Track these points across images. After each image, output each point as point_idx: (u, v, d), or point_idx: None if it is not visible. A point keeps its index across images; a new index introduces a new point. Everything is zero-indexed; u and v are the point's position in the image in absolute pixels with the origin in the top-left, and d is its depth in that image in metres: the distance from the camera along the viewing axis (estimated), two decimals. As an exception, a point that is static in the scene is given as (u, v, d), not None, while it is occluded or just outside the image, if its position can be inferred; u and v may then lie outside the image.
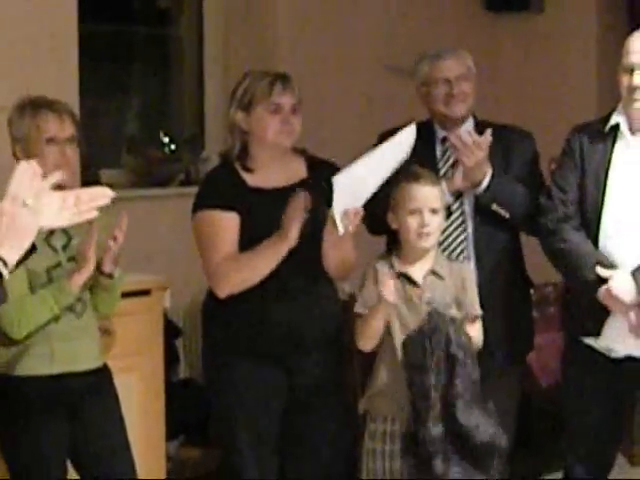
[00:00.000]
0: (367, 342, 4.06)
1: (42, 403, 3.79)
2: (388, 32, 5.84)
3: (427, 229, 4.01)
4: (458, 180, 4.24)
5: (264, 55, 4.98)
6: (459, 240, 4.35)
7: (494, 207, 4.30)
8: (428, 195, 4.03)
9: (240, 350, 4.07)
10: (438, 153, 4.42)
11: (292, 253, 3.93)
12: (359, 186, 3.90)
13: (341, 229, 3.88)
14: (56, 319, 3.72)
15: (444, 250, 4.28)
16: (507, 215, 4.33)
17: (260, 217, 4.01)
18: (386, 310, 3.94)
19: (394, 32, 5.81)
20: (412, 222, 4.02)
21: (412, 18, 5.96)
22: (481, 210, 4.35)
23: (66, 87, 4.65)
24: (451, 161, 4.40)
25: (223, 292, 4.00)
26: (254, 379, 4.07)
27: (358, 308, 4.10)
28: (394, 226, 4.12)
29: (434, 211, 4.03)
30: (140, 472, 4.08)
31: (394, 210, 4.09)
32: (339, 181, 3.82)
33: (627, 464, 5.11)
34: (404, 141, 3.94)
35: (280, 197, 4.01)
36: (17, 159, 3.73)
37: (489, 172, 4.26)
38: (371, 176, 3.91)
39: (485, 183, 4.27)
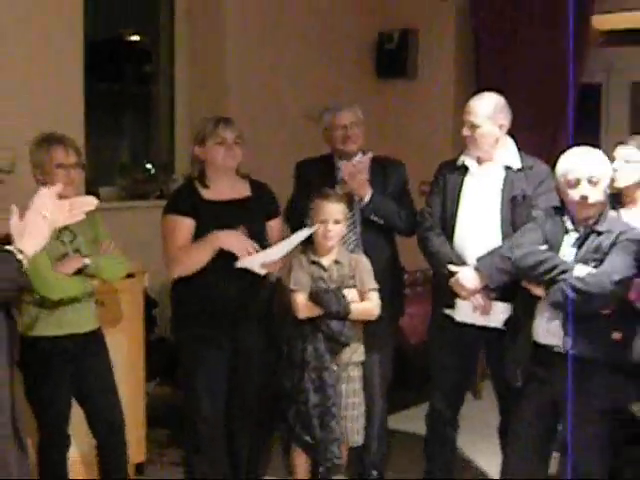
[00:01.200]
0: (301, 310, 4.10)
1: (54, 355, 3.78)
2: (307, 91, 5.86)
3: (330, 234, 4.08)
4: (347, 191, 4.28)
5: (217, 108, 4.95)
6: (353, 238, 4.36)
7: (372, 217, 4.33)
8: (332, 209, 4.08)
9: (199, 318, 4.06)
10: (338, 178, 4.41)
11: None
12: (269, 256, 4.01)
13: (262, 272, 4.03)
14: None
15: (344, 244, 4.29)
16: (382, 222, 4.36)
17: (212, 221, 4.00)
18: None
19: (311, 91, 5.84)
20: (321, 229, 4.08)
21: (324, 81, 6.00)
22: (365, 218, 4.36)
23: (75, 128, 4.65)
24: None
25: (174, 273, 4.04)
26: (207, 340, 4.07)
27: (292, 286, 4.12)
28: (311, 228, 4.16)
29: (337, 221, 4.08)
30: (126, 404, 4.08)
31: (311, 219, 4.12)
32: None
33: (472, 398, 5.14)
34: (303, 233, 4.07)
35: (227, 207, 4.07)
36: (36, 180, 3.74)
37: (370, 192, 4.30)
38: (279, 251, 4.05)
39: (367, 199, 4.30)
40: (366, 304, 4.10)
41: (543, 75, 5.63)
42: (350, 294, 4.08)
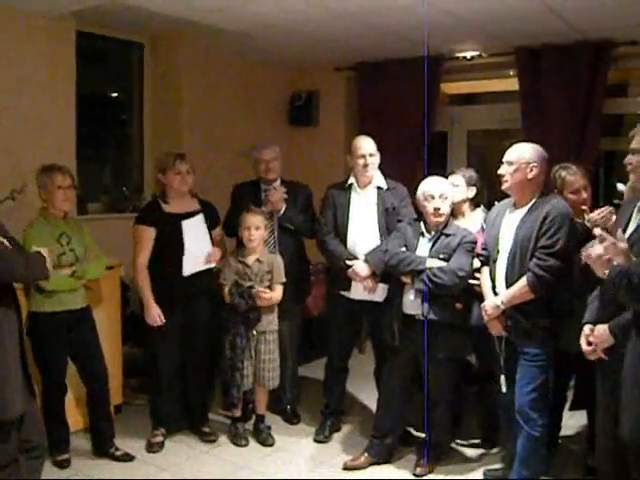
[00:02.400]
0: (227, 297, 4.11)
1: (55, 326, 3.74)
2: (239, 135, 5.86)
3: (253, 237, 4.10)
4: (269, 207, 4.33)
5: (174, 146, 4.93)
6: (272, 241, 4.38)
7: (286, 225, 4.38)
8: (255, 219, 4.10)
9: (159, 297, 4.06)
10: (262, 197, 4.43)
11: None
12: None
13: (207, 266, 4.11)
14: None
15: (266, 245, 4.29)
16: (292, 228, 4.40)
17: (169, 228, 4.03)
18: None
19: (242, 135, 5.83)
20: (246, 234, 4.08)
21: (251, 128, 6.02)
22: (281, 225, 4.39)
23: (70, 159, 4.61)
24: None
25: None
26: (166, 313, 4.07)
27: (221, 280, 4.15)
28: (240, 235, 4.16)
29: (257, 228, 4.11)
30: (107, 361, 4.05)
31: (240, 227, 4.13)
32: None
33: (358, 353, 5.19)
34: (199, 219, 4.15)
35: (182, 218, 4.08)
36: (41, 198, 3.74)
37: (284, 207, 4.36)
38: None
39: (282, 212, 4.36)
40: (273, 294, 4.11)
41: (407, 125, 5.73)
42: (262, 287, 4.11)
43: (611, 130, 5.49)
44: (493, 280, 3.56)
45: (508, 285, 3.43)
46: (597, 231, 2.44)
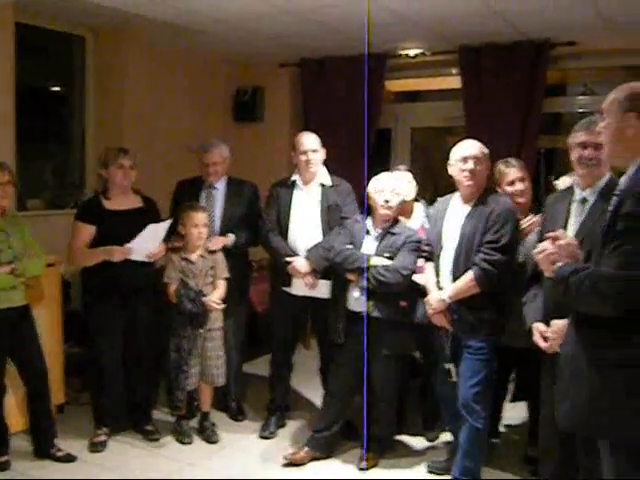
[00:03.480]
0: (172, 297, 4.06)
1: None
2: (184, 130, 5.77)
3: (202, 235, 4.08)
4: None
5: (116, 141, 4.83)
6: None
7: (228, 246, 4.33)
8: (199, 217, 4.07)
9: (101, 295, 3.99)
10: (205, 195, 4.41)
11: None
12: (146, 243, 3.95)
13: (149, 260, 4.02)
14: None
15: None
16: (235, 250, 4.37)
17: (110, 224, 3.96)
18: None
19: (187, 130, 5.75)
20: (193, 231, 4.05)
21: (196, 123, 5.94)
22: None
23: (9, 155, 4.48)
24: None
25: (73, 266, 4.07)
26: (107, 311, 4.01)
27: (165, 279, 4.10)
28: (183, 232, 4.11)
29: (205, 225, 4.08)
30: (48, 360, 3.95)
31: (182, 224, 4.09)
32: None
33: (303, 348, 5.19)
34: (164, 225, 4.04)
35: (123, 214, 4.02)
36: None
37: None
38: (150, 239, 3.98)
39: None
40: (218, 292, 4.09)
41: (351, 121, 5.74)
42: (208, 289, 4.09)
43: (550, 128, 5.60)
44: (437, 275, 3.61)
45: (454, 279, 3.47)
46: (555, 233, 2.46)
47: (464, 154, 3.50)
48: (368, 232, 3.87)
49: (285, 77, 6.37)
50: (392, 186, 3.83)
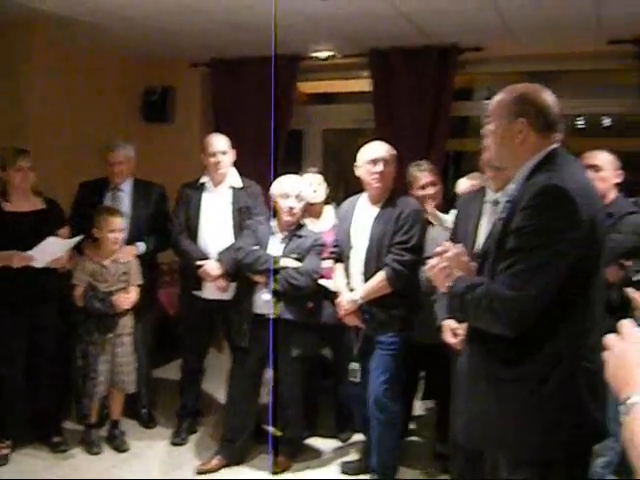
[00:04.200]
0: (78, 300, 3.94)
1: None
2: (90, 131, 5.57)
3: (116, 241, 3.98)
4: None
5: (16, 141, 4.60)
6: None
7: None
8: (117, 222, 3.97)
9: (2, 303, 3.82)
10: (110, 197, 4.30)
11: None
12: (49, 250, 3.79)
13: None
14: None
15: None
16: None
17: (10, 227, 3.80)
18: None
19: (93, 131, 5.55)
20: (110, 236, 3.93)
21: (103, 123, 5.73)
22: None
23: None
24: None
25: None
26: (10, 319, 3.85)
27: (74, 281, 3.97)
28: (98, 236, 3.98)
29: (120, 230, 3.98)
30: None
31: (98, 228, 3.96)
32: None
33: (216, 352, 5.13)
34: (72, 241, 3.88)
35: (24, 217, 3.87)
36: None
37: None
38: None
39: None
40: (129, 296, 4.00)
41: (262, 123, 5.70)
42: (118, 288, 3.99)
43: (458, 132, 5.72)
44: (347, 276, 3.64)
45: (365, 280, 3.51)
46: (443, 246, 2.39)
47: (373, 156, 3.53)
48: (273, 233, 3.85)
49: (196, 77, 6.26)
50: (296, 190, 3.81)
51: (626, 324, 1.30)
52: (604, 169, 3.42)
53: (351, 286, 3.60)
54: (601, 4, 4.12)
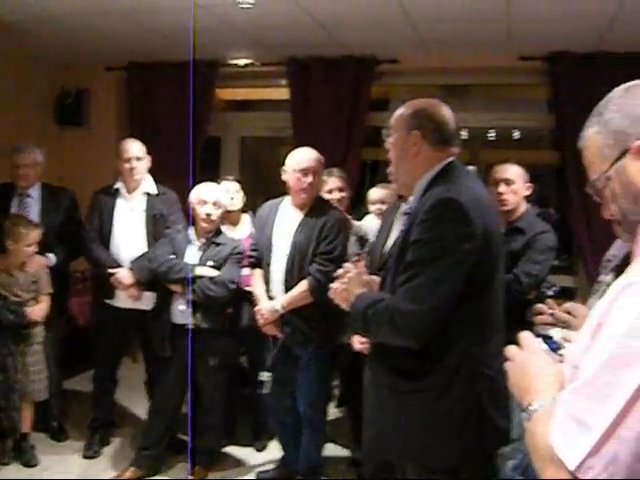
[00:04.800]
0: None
1: None
2: (4, 135, 5.31)
3: (29, 253, 3.84)
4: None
5: None
6: None
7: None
8: (32, 235, 3.82)
9: None
10: (17, 202, 4.14)
11: None
12: None
13: None
14: None
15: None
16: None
17: None
18: None
19: (7, 135, 5.29)
20: (25, 250, 3.81)
21: (15, 126, 5.49)
22: None
23: None
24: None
25: None
26: None
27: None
28: (10, 247, 3.82)
29: (35, 243, 3.84)
30: None
31: (12, 240, 3.80)
32: None
33: (130, 361, 5.02)
34: None
35: None
36: None
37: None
38: None
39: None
40: (41, 306, 3.87)
41: (179, 129, 5.62)
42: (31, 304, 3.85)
43: (374, 141, 5.80)
44: (266, 283, 3.58)
45: (286, 288, 3.47)
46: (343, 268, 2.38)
47: (304, 166, 3.48)
48: (190, 242, 3.80)
49: (112, 81, 6.13)
50: (214, 198, 3.77)
51: (525, 336, 1.36)
52: (515, 182, 3.51)
53: (271, 294, 3.55)
54: (512, 21, 4.27)
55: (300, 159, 3.52)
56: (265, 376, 3.58)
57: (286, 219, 3.56)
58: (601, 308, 1.11)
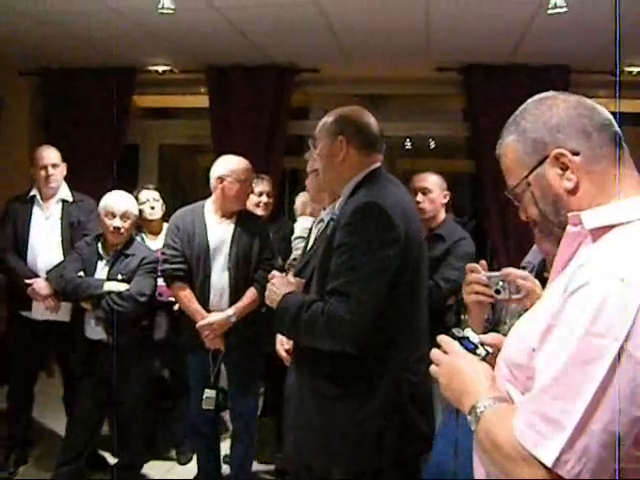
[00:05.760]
0: None
1: None
2: None
3: None
4: None
5: None
6: None
7: None
8: None
9: None
10: None
11: None
12: None
13: None
14: None
15: None
16: None
17: None
18: None
19: None
20: None
21: None
22: None
23: None
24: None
25: None
26: None
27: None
28: None
29: None
30: None
31: None
32: None
33: (46, 376, 4.84)
34: None
35: None
36: None
37: None
38: None
39: None
40: None
41: (97, 136, 5.53)
42: None
43: (295, 149, 5.83)
44: (200, 293, 3.48)
45: (233, 298, 3.45)
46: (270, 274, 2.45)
47: (245, 176, 3.50)
48: (100, 256, 3.65)
49: (26, 86, 5.92)
50: (123, 209, 3.59)
51: (445, 339, 1.40)
52: (432, 191, 3.58)
53: (210, 307, 3.46)
54: (430, 33, 4.38)
55: (240, 169, 3.51)
56: (211, 393, 3.49)
57: (218, 229, 3.51)
58: (548, 311, 1.17)
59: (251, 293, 3.46)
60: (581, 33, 4.19)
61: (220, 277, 3.46)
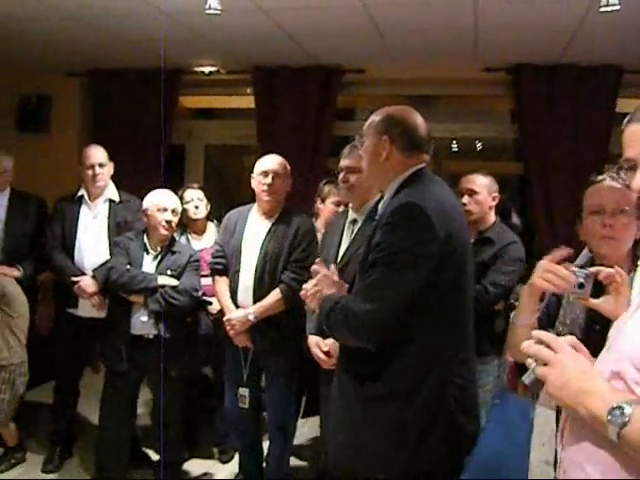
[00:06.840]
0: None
1: None
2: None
3: None
4: None
5: None
6: None
7: None
8: None
9: None
10: None
11: None
12: None
13: None
14: None
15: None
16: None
17: None
18: None
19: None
20: None
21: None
22: None
23: None
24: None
25: None
26: None
27: None
28: None
29: None
30: None
31: None
32: None
33: (91, 371, 4.93)
34: None
35: None
36: None
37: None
38: None
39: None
40: None
41: (143, 136, 5.60)
42: None
43: (340, 151, 5.81)
44: (232, 291, 3.53)
45: (256, 297, 3.44)
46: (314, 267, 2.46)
47: (264, 168, 3.50)
48: (147, 250, 3.71)
49: (74, 87, 6.05)
50: (173, 205, 3.70)
51: (549, 335, 1.33)
52: (479, 193, 3.51)
53: (238, 302, 3.50)
54: (479, 33, 4.32)
55: (261, 162, 3.55)
56: (244, 391, 3.51)
57: (255, 227, 3.54)
58: None
59: (275, 294, 3.42)
60: (634, 32, 4.09)
61: (247, 274, 3.48)
